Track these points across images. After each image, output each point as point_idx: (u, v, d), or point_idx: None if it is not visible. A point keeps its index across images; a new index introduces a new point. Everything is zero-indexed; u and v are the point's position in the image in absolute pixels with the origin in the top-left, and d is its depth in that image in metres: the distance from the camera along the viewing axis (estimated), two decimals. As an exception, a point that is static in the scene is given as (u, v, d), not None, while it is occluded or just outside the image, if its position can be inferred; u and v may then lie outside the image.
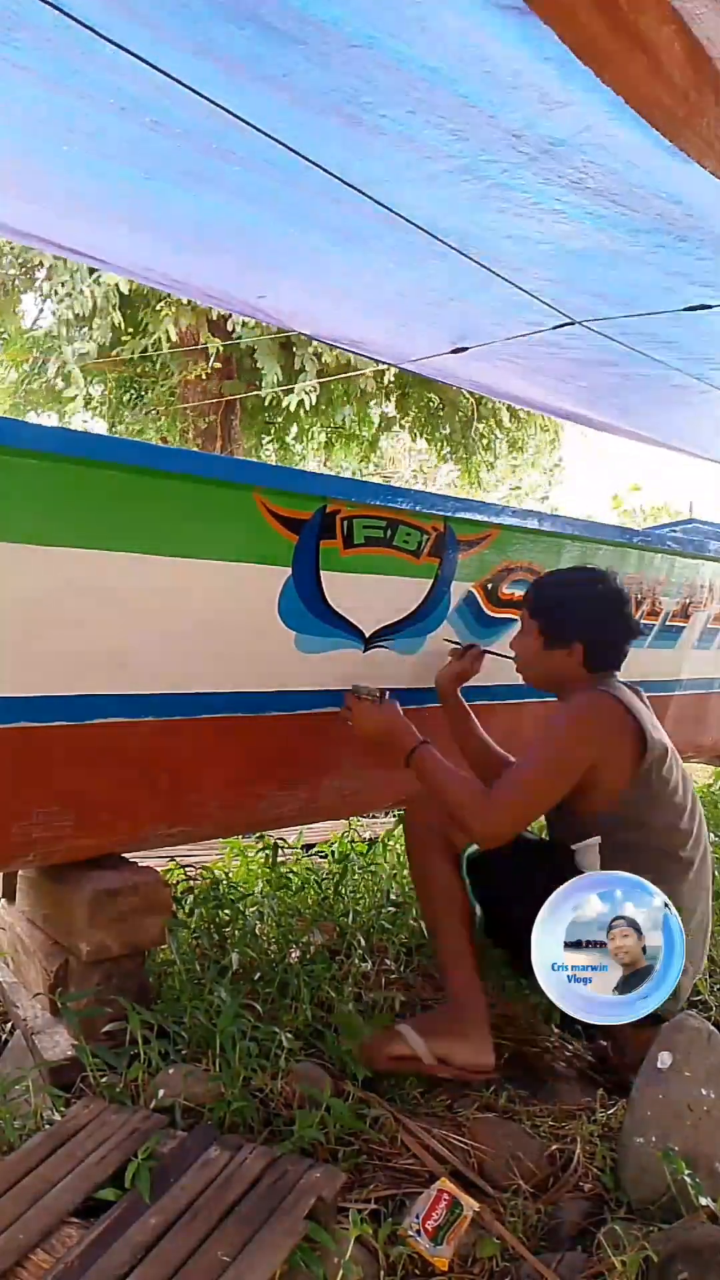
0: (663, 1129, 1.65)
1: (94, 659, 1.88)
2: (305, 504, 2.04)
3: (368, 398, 9.64)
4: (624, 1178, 1.68)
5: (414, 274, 2.80)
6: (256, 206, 2.42)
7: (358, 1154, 1.71)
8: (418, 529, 2.25)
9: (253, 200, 2.38)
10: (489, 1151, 1.74)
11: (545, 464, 13.92)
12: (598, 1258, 1.48)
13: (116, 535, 1.81)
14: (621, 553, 2.89)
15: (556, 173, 2.05)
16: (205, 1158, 1.54)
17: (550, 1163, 1.76)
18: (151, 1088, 1.74)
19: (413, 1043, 1.90)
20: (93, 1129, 1.60)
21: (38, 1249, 1.37)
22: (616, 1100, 1.94)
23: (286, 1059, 1.84)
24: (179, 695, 2.02)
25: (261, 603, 2.07)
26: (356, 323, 3.75)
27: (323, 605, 2.16)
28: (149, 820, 2.09)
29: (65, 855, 2.01)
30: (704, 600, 3.39)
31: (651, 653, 3.25)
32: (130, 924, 1.97)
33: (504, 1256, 1.51)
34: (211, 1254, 1.35)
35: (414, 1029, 1.93)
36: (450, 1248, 1.48)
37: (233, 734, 2.12)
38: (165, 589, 1.90)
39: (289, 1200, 1.45)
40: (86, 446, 1.80)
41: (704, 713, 3.84)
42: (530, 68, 1.63)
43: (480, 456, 10.65)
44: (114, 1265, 1.32)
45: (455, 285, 2.82)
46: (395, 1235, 1.48)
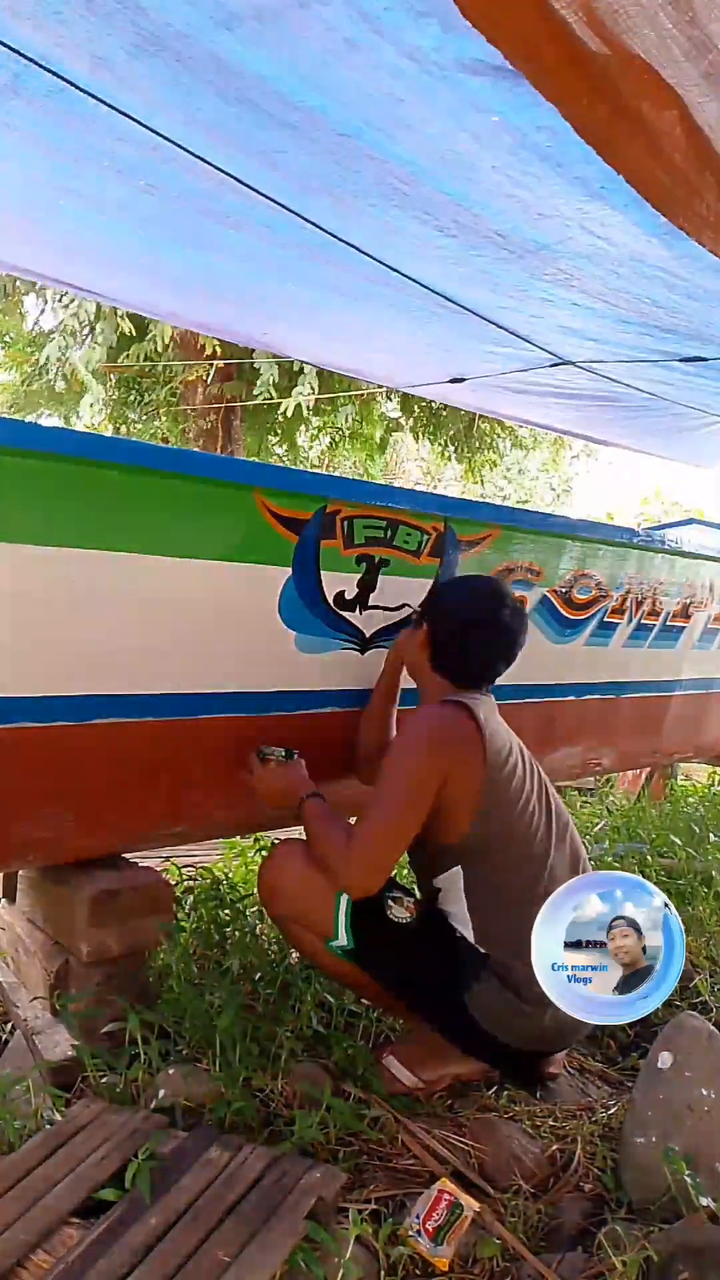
0: (663, 1129, 1.65)
1: (94, 659, 1.87)
2: (306, 504, 2.04)
3: (371, 398, 9.64)
4: (625, 1178, 1.68)
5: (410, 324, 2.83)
6: (253, 265, 2.45)
7: (358, 1154, 1.71)
8: (418, 529, 2.25)
9: (248, 260, 2.41)
10: (489, 1151, 1.74)
11: (553, 479, 13.85)
12: (598, 1258, 1.48)
13: (117, 535, 1.80)
14: (622, 553, 2.89)
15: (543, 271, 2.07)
16: (205, 1158, 1.54)
17: (551, 1163, 1.76)
18: (152, 1088, 1.74)
19: (400, 1075, 1.90)
20: (93, 1129, 1.60)
21: (38, 1249, 1.37)
22: (617, 1100, 1.94)
23: (287, 1059, 1.84)
24: (179, 695, 2.02)
25: (262, 603, 2.07)
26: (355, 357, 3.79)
27: (323, 606, 2.15)
28: (149, 820, 2.09)
29: (66, 855, 2.01)
30: (704, 600, 3.39)
31: (652, 653, 3.25)
32: (130, 924, 1.97)
33: (504, 1257, 1.51)
34: (212, 1254, 1.35)
35: (398, 1060, 1.92)
36: (451, 1248, 1.48)
37: (233, 734, 2.12)
38: (165, 589, 1.89)
39: (289, 1200, 1.45)
40: (86, 446, 1.79)
41: (704, 713, 3.84)
42: (514, 177, 1.64)
43: (484, 456, 10.64)
44: (114, 1266, 1.32)
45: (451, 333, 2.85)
46: (396, 1235, 1.48)
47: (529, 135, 1.49)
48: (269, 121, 1.59)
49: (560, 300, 2.24)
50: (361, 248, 2.15)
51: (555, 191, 1.67)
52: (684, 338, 2.41)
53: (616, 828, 3.85)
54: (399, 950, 1.87)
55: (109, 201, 2.11)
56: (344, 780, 2.39)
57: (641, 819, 4.02)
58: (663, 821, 3.99)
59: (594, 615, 2.89)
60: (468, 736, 1.87)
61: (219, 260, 2.44)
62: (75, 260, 2.75)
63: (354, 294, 2.56)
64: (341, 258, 2.22)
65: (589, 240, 1.85)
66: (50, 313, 8.88)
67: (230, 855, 3.04)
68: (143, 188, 1.99)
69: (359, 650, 2.27)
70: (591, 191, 1.64)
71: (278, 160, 1.76)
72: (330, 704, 2.29)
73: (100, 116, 1.67)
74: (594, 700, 3.12)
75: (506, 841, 1.89)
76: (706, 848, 3.49)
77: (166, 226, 2.23)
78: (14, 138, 1.83)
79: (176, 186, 1.96)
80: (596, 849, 3.35)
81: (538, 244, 1.91)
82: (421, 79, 1.37)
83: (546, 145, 1.50)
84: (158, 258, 2.52)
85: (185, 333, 8.24)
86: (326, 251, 2.20)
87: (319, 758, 2.29)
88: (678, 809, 4.33)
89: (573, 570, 2.72)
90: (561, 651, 2.84)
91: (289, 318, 3.09)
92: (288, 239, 2.16)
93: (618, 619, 3.00)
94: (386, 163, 1.67)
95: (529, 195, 1.71)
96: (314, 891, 1.89)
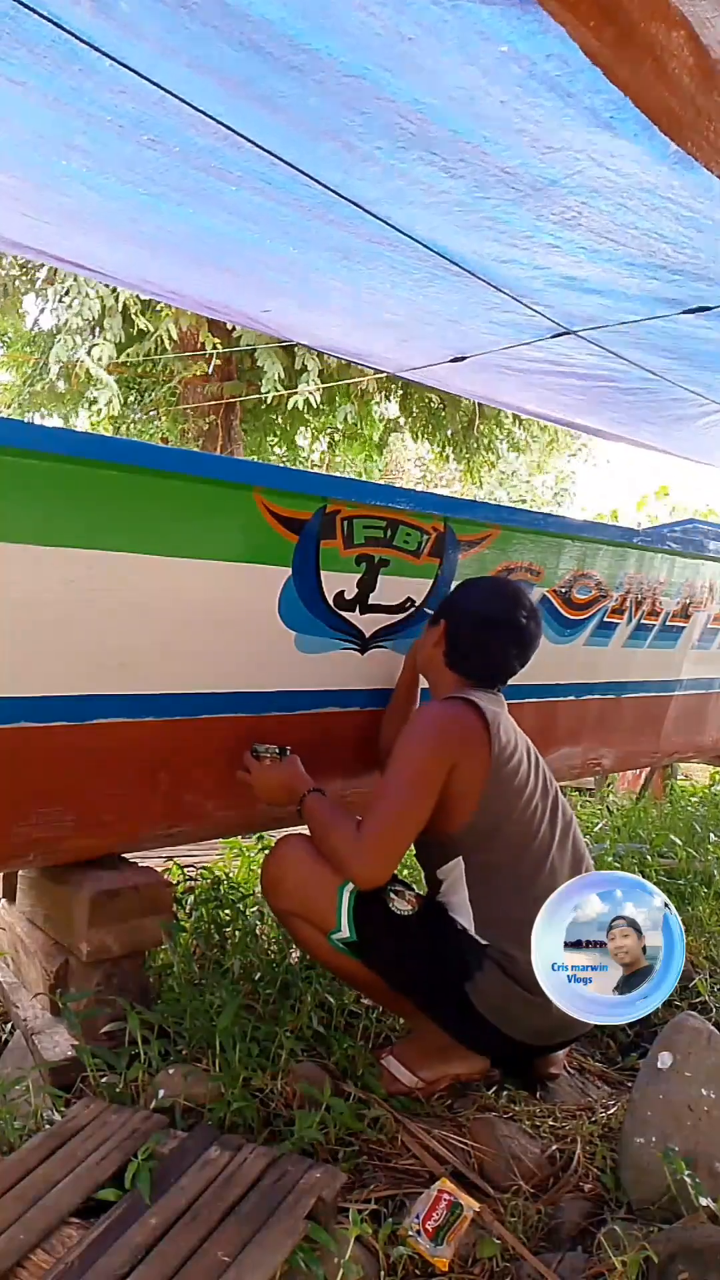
0: (663, 1129, 1.65)
1: (94, 659, 1.87)
2: (305, 504, 2.04)
3: (368, 397, 9.65)
4: (624, 1178, 1.68)
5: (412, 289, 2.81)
6: (255, 225, 2.43)
7: (358, 1154, 1.71)
8: (418, 529, 2.25)
9: (250, 219, 2.38)
10: (489, 1151, 1.74)
11: (551, 477, 13.81)
12: (598, 1258, 1.48)
13: (117, 536, 1.81)
14: (621, 553, 2.89)
15: (550, 211, 2.06)
16: (205, 1158, 1.54)
17: (551, 1163, 1.76)
18: (151, 1088, 1.74)
19: (400, 1076, 1.90)
20: (93, 1129, 1.60)
21: (38, 1249, 1.37)
22: (617, 1100, 1.94)
23: (287, 1059, 1.84)
24: (179, 695, 2.02)
25: (262, 603, 2.07)
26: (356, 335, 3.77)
27: (323, 606, 2.16)
28: (149, 820, 2.09)
29: (66, 856, 2.01)
30: (704, 600, 3.39)
31: (652, 653, 3.26)
32: (130, 924, 1.97)
33: (504, 1257, 1.51)
34: (212, 1254, 1.34)
35: (398, 1060, 1.92)
36: (450, 1248, 1.48)
37: (233, 734, 2.12)
38: (165, 589, 1.90)
39: (289, 1200, 1.45)
40: (86, 447, 1.80)
41: (705, 713, 3.84)
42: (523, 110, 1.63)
43: (482, 456, 10.65)
44: (114, 1265, 1.32)
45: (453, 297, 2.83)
46: (396, 1235, 1.48)
47: (538, 64, 1.48)
48: (275, 65, 1.59)
49: (566, 244, 2.21)
50: (364, 205, 2.14)
51: (564, 123, 1.66)
52: (691, 278, 2.37)
53: (617, 828, 3.86)
54: (399, 942, 1.87)
55: (111, 159, 2.10)
56: (346, 780, 2.40)
57: (642, 819, 4.02)
58: (663, 821, 4.00)
59: (594, 615, 2.89)
60: (473, 731, 1.89)
61: (221, 222, 2.42)
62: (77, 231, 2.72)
63: (356, 256, 2.54)
64: (343, 216, 2.21)
65: (598, 173, 1.84)
66: (50, 313, 8.88)
67: (231, 855, 3.04)
68: (145, 142, 1.97)
69: (359, 650, 2.27)
70: (601, 121, 1.63)
71: (281, 105, 1.74)
72: (331, 704, 2.30)
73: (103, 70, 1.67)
74: (594, 700, 3.13)
75: (508, 833, 1.90)
76: (707, 848, 3.49)
77: (169, 185, 2.21)
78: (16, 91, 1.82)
79: (177, 140, 1.95)
80: (597, 849, 3.35)
81: (546, 180, 1.89)
82: (430, 10, 1.37)
83: (555, 74, 1.50)
84: (160, 222, 2.49)
85: (185, 332, 8.25)
86: (329, 210, 2.18)
87: (320, 758, 2.29)
88: (678, 809, 4.34)
89: (572, 570, 2.73)
90: (561, 651, 2.85)
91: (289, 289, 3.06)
92: (288, 196, 2.15)
93: (617, 619, 3.00)
94: (394, 103, 1.66)
95: (537, 128, 1.70)
96: (316, 885, 1.90)
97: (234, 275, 3.01)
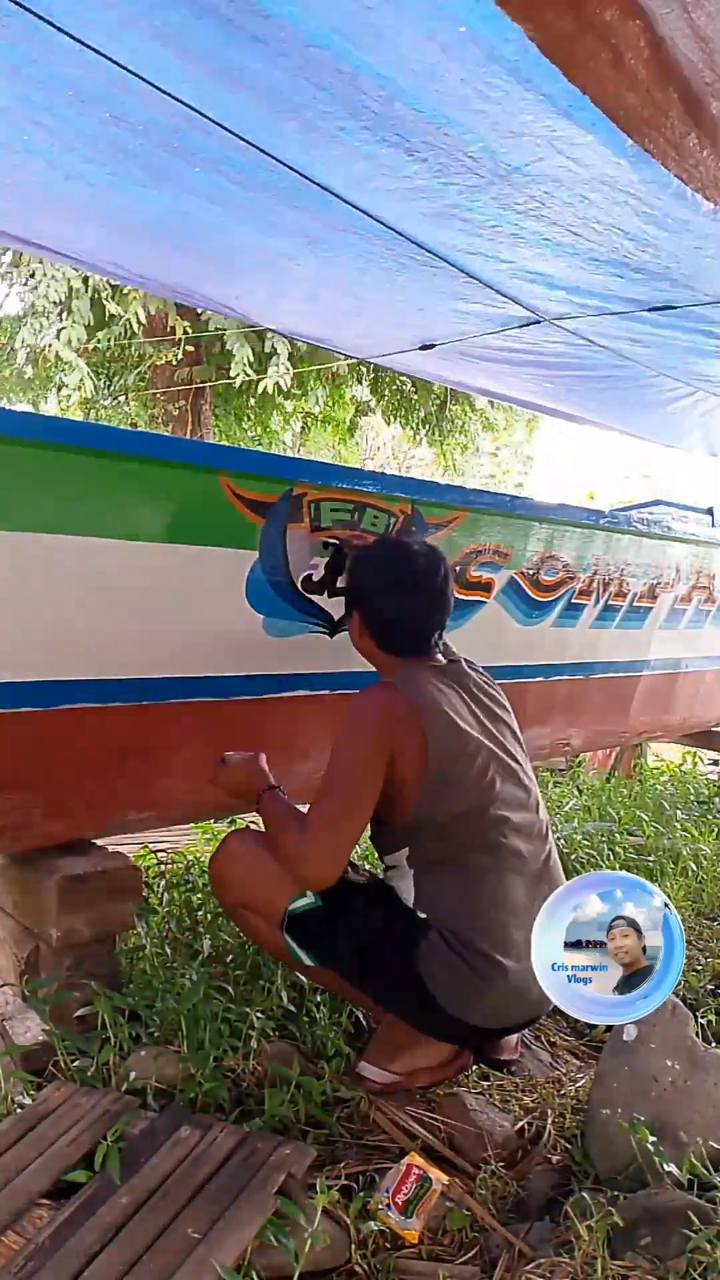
0: (629, 1100, 1.68)
1: (61, 645, 1.87)
2: (271, 487, 2.04)
3: (340, 381, 9.61)
4: (592, 1149, 1.71)
5: (380, 278, 2.79)
6: (220, 208, 2.40)
7: (328, 1132, 1.72)
8: (385, 511, 2.26)
9: (215, 201, 2.35)
10: (459, 1126, 1.77)
11: (519, 455, 13.79)
12: (565, 1227, 1.50)
13: (81, 520, 1.80)
14: (588, 535, 2.91)
15: (514, 200, 2.05)
16: (176, 1137, 1.55)
17: (520, 1136, 1.78)
18: (123, 1070, 1.75)
19: (375, 1077, 1.88)
20: (64, 1112, 1.60)
21: (8, 1230, 1.37)
22: (585, 1074, 1.97)
23: (258, 1039, 1.85)
24: (147, 680, 2.02)
25: (229, 587, 2.07)
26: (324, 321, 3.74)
27: (290, 589, 2.15)
28: (119, 805, 2.09)
29: (35, 841, 2.01)
30: (671, 581, 3.42)
31: (619, 633, 3.28)
32: (100, 909, 1.97)
33: (473, 1228, 1.53)
34: (182, 1232, 1.36)
35: (369, 1063, 1.89)
36: (420, 1220, 1.50)
37: (202, 718, 2.12)
38: (131, 573, 1.89)
39: (259, 1177, 1.46)
40: (49, 430, 1.78)
41: (672, 692, 3.88)
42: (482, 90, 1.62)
43: (455, 440, 10.65)
44: (84, 1245, 1.33)
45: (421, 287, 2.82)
46: (366, 1210, 1.50)
47: (497, 48, 1.47)
48: (236, 34, 1.55)
49: (531, 236, 2.20)
50: (331, 188, 2.12)
51: (524, 108, 1.65)
52: (652, 277, 2.37)
53: (587, 807, 3.89)
54: (348, 924, 1.85)
55: (76, 136, 2.06)
56: (314, 763, 2.40)
57: (611, 798, 4.06)
58: (632, 800, 4.04)
59: (561, 597, 2.91)
60: (402, 714, 1.82)
61: (188, 204, 2.38)
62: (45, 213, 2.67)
63: (324, 243, 2.52)
64: (311, 201, 2.19)
65: (559, 162, 1.82)
66: (15, 297, 8.76)
67: (203, 839, 3.05)
68: (108, 120, 1.94)
69: (328, 633, 2.27)
70: (559, 109, 1.62)
71: (243, 78, 1.71)
72: (300, 687, 2.30)
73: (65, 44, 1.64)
74: (562, 681, 3.15)
75: (450, 814, 1.84)
76: (674, 825, 3.53)
77: (134, 165, 2.17)
78: None
79: (140, 119, 1.92)
80: (566, 828, 3.39)
81: (509, 166, 1.87)
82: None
83: (514, 59, 1.49)
84: (127, 203, 2.45)
85: (154, 316, 8.16)
86: (296, 195, 2.16)
87: (290, 742, 2.30)
88: (646, 788, 4.39)
89: (540, 552, 2.74)
90: (529, 633, 2.86)
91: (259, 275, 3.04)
92: (255, 180, 2.12)
93: (585, 600, 3.03)
94: (357, 77, 1.64)
95: (498, 110, 1.68)
96: (263, 878, 1.87)
97: (198, 257, 2.98)
